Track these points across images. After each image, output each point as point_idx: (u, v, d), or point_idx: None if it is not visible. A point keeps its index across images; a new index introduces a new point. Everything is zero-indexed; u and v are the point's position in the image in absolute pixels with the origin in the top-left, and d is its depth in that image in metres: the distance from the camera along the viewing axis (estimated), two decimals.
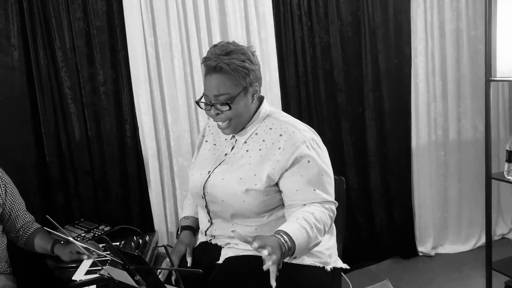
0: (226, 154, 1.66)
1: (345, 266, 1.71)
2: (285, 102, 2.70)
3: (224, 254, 1.65)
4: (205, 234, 1.71)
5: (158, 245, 2.14)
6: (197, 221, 1.80)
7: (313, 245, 1.42)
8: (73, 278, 1.80)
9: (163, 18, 2.36)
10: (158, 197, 2.45)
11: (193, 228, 1.81)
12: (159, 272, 1.63)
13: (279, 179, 1.53)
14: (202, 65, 1.56)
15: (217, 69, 1.50)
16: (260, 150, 1.57)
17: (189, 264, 1.70)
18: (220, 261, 1.64)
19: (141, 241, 2.02)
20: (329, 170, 1.56)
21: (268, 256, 1.20)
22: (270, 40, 2.58)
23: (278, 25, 2.65)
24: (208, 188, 1.62)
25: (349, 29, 2.80)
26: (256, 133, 1.62)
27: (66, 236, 1.41)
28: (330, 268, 1.63)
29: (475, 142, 3.09)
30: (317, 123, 2.79)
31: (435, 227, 3.15)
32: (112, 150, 2.43)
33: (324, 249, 1.63)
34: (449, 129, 3.07)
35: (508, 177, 2.26)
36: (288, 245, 1.29)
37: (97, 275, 1.76)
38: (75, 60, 2.31)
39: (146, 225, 2.46)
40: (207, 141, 1.76)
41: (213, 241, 1.70)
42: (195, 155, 1.79)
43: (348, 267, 1.73)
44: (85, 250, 1.80)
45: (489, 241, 2.47)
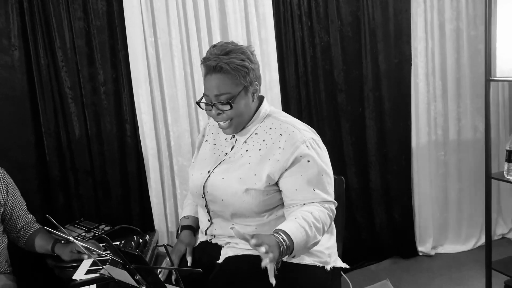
0: (226, 154, 1.66)
1: (345, 266, 1.72)
2: (285, 102, 2.70)
3: (224, 254, 1.65)
4: (205, 234, 1.72)
5: (158, 245, 2.14)
6: (197, 221, 1.80)
7: (312, 244, 1.42)
8: (74, 278, 1.80)
9: (163, 18, 2.36)
10: (158, 197, 2.45)
11: (193, 228, 1.82)
12: (159, 272, 1.64)
13: (279, 179, 1.54)
14: (202, 66, 1.57)
15: (217, 69, 1.50)
16: (260, 150, 1.58)
17: (189, 264, 1.70)
18: (220, 261, 1.65)
19: (141, 241, 2.02)
20: (329, 170, 1.56)
21: (266, 254, 1.20)
22: (270, 40, 2.58)
23: (278, 25, 2.65)
24: (208, 188, 1.62)
25: (349, 29, 2.80)
26: (256, 133, 1.62)
27: (67, 236, 1.41)
28: (330, 268, 1.63)
29: (475, 142, 3.09)
30: (317, 123, 2.79)
31: (435, 227, 3.15)
32: (112, 150, 2.43)
33: (324, 249, 1.63)
34: (449, 129, 3.08)
35: (508, 177, 2.26)
36: (287, 244, 1.30)
37: (98, 275, 1.75)
38: (76, 60, 2.32)
39: (146, 225, 2.47)
40: (207, 141, 1.76)
41: (213, 241, 1.70)
42: (195, 155, 1.80)
43: (348, 267, 1.73)
44: (86, 250, 1.80)
45: (489, 241, 2.47)
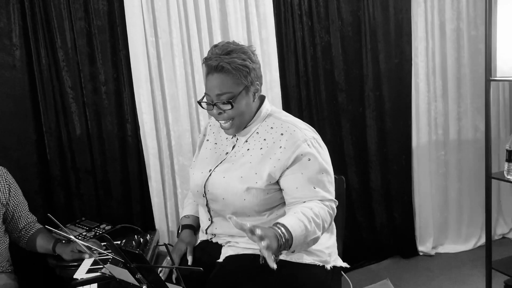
0: (227, 153, 1.66)
1: (345, 265, 1.72)
2: (286, 102, 2.71)
3: (225, 253, 1.66)
4: (206, 233, 1.72)
5: (159, 244, 2.15)
6: (198, 220, 1.81)
7: (312, 240, 1.40)
8: (75, 277, 1.81)
9: (164, 18, 2.37)
10: (159, 196, 2.46)
11: (194, 227, 1.82)
12: (160, 271, 1.64)
13: (280, 177, 1.54)
14: (203, 65, 1.57)
15: (219, 69, 1.51)
16: (261, 149, 1.58)
17: (190, 263, 1.70)
18: (221, 260, 1.65)
19: (142, 240, 2.03)
20: (330, 169, 1.56)
21: (262, 242, 1.17)
22: (271, 40, 2.59)
23: (279, 25, 2.65)
24: (209, 187, 1.62)
25: (350, 29, 2.81)
26: (257, 132, 1.62)
27: (68, 235, 1.41)
28: (330, 267, 1.63)
29: (475, 142, 3.10)
30: (318, 123, 2.79)
31: (436, 227, 3.15)
32: (113, 149, 2.43)
33: (324, 248, 1.63)
34: (450, 129, 3.08)
35: (508, 177, 2.26)
36: (286, 237, 1.28)
37: (99, 274, 1.76)
38: (77, 60, 2.32)
39: (147, 224, 2.47)
40: (208, 140, 1.77)
41: (214, 240, 1.71)
42: (196, 154, 1.80)
43: (348, 266, 1.73)
44: (87, 249, 1.81)
45: (489, 241, 2.48)
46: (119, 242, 2.04)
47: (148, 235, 2.08)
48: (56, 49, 2.29)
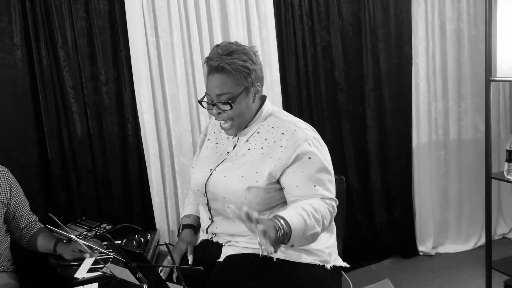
0: (228, 153, 1.67)
1: (345, 265, 1.72)
2: (286, 102, 2.71)
3: (225, 252, 1.66)
4: (206, 232, 1.73)
5: (160, 243, 2.15)
6: (198, 220, 1.81)
7: (311, 235, 1.39)
8: (75, 276, 1.81)
9: (165, 18, 2.37)
10: (160, 196, 2.46)
11: (194, 227, 1.82)
12: (161, 270, 1.64)
13: (281, 176, 1.54)
14: (205, 65, 1.58)
15: (219, 69, 1.51)
16: (262, 149, 1.59)
17: (190, 262, 1.70)
18: (221, 259, 1.66)
19: (143, 239, 2.03)
20: (330, 168, 1.57)
21: (259, 226, 1.16)
22: (271, 40, 2.59)
23: (279, 25, 2.66)
24: (210, 186, 1.63)
25: (350, 29, 2.81)
26: (258, 132, 1.63)
27: (69, 234, 1.42)
28: (330, 267, 1.64)
29: (476, 142, 3.10)
30: (318, 123, 2.79)
31: (436, 227, 3.16)
32: (114, 149, 2.44)
33: (324, 248, 1.64)
34: (450, 129, 3.08)
35: (508, 177, 2.27)
36: (285, 230, 1.27)
37: (99, 273, 1.76)
38: (77, 60, 2.33)
39: (148, 224, 2.48)
40: (209, 140, 1.77)
41: (214, 239, 1.71)
42: (197, 153, 1.81)
43: (348, 266, 1.73)
44: (88, 248, 1.81)
45: (489, 241, 2.48)
46: (120, 242, 2.04)
47: (149, 235, 2.09)
48: (57, 49, 2.29)
